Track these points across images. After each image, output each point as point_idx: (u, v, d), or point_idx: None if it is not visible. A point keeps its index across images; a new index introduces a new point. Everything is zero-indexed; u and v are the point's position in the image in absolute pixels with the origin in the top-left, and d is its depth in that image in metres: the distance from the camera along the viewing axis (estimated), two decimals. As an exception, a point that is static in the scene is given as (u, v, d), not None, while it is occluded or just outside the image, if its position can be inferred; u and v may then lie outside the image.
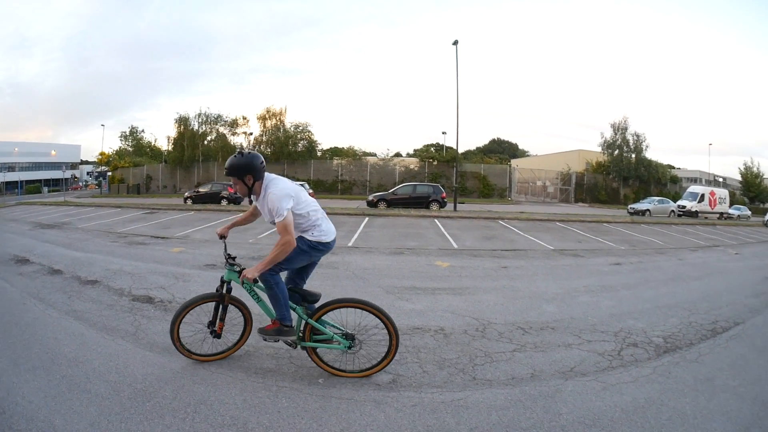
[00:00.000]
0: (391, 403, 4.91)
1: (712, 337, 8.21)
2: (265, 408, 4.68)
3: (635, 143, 67.19)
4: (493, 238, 20.67)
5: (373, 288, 9.69)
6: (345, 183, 62.17)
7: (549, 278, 12.34)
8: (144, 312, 7.96)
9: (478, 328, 7.45)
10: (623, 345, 7.36)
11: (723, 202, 53.93)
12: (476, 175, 62.71)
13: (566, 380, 5.80)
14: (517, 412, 4.88)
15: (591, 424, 4.84)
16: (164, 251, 14.46)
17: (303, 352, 6.01)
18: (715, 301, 10.80)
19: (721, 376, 6.52)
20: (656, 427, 4.92)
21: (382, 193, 37.70)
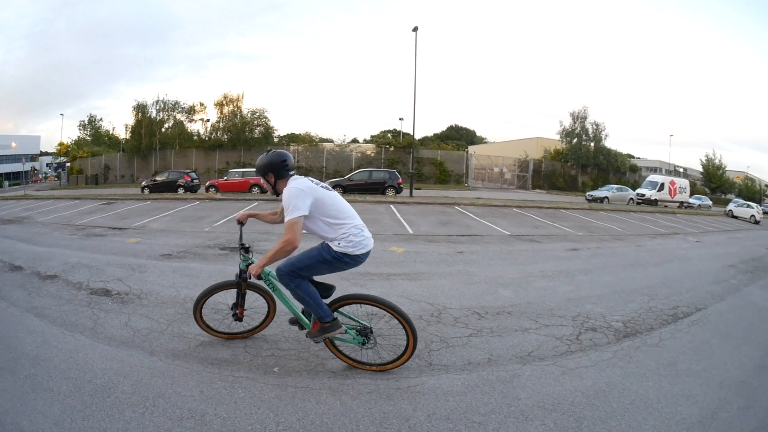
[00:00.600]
0: (346, 390, 4.90)
1: (673, 322, 8.30)
2: (222, 399, 4.66)
3: (594, 132, 67.19)
4: (449, 223, 20.80)
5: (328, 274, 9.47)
6: (301, 169, 61.28)
7: (505, 263, 12.39)
8: (102, 305, 7.77)
9: (434, 313, 7.43)
10: (582, 329, 7.38)
11: (683, 191, 55.10)
12: (433, 161, 63.05)
13: (524, 365, 5.83)
14: (475, 398, 4.89)
15: (551, 409, 4.83)
16: (121, 242, 14.28)
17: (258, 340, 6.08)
18: (675, 287, 10.98)
19: (684, 360, 6.59)
20: (619, 411, 4.92)
21: (338, 179, 37.35)
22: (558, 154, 69.28)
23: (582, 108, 69.83)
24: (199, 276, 9.43)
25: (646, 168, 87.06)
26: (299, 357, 5.69)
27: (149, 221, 20.24)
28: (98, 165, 70.28)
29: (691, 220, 36.98)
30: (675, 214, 41.44)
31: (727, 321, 8.81)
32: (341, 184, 35.13)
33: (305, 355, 5.73)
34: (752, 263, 16.97)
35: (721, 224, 37.03)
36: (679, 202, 53.33)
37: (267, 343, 6.06)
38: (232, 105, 64.37)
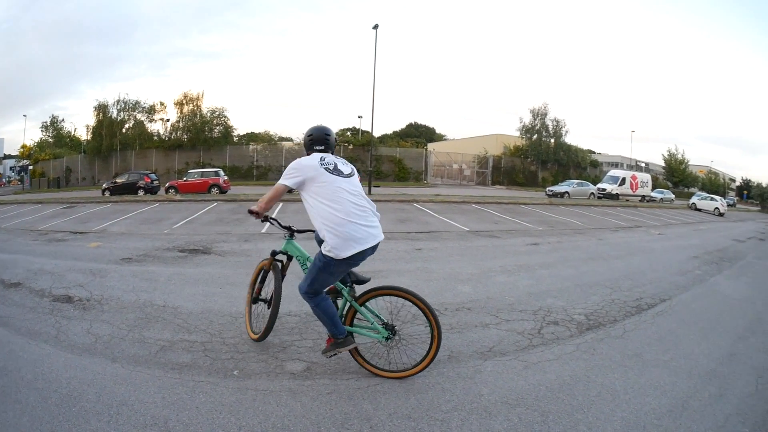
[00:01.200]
0: (306, 392, 4.90)
1: (637, 313, 8.40)
2: (184, 405, 4.63)
3: (555, 128, 70.07)
4: (408, 220, 21.02)
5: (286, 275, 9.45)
6: (260, 169, 61.57)
7: (464, 259, 12.42)
8: (64, 312, 7.61)
9: (392, 311, 7.29)
10: (543, 323, 7.42)
11: (645, 185, 56.76)
12: (392, 158, 63.33)
13: (485, 360, 5.85)
14: (436, 395, 4.90)
15: (515, 404, 4.82)
16: (82, 247, 14.15)
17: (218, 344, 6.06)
18: (638, 279, 11.12)
19: (650, 351, 6.65)
20: (585, 404, 4.93)
21: None
22: (518, 150, 70.29)
23: (542, 105, 71.39)
24: (158, 280, 9.37)
25: (607, 163, 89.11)
26: (258, 359, 5.67)
27: (109, 224, 20.08)
28: (60, 167, 69.12)
29: (653, 213, 37.77)
30: (637, 207, 42.43)
31: (693, 311, 8.94)
32: None
33: (264, 357, 5.72)
34: (717, 254, 17.32)
35: (684, 217, 37.86)
36: (641, 196, 54.86)
37: (226, 346, 6.03)
38: (192, 104, 64.12)
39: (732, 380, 6.00)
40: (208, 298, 7.80)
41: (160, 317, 7.01)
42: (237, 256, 11.41)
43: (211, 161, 58.52)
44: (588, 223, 24.14)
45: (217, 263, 10.89)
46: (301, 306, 7.16)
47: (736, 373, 6.25)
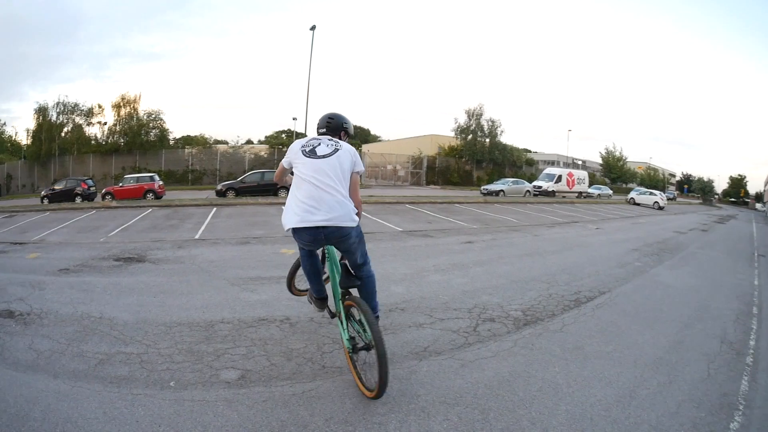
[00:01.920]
0: (242, 400, 4.88)
1: (576, 307, 8.51)
2: (125, 419, 4.58)
3: (490, 128, 70.70)
4: None
5: (218, 281, 9.63)
6: (196, 173, 60.62)
7: (397, 259, 12.35)
8: (7, 328, 7.29)
9: (325, 315, 7.22)
10: (479, 321, 7.42)
11: (582, 182, 58.30)
12: None
13: (420, 361, 5.86)
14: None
15: (453, 403, 4.80)
16: (21, 258, 13.64)
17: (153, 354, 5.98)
18: (576, 273, 11.31)
19: (591, 343, 6.73)
20: (526, 400, 4.92)
21: (231, 182, 38.06)
22: (453, 150, 70.99)
23: (478, 105, 72.13)
24: (94, 291, 9.09)
25: (544, 162, 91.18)
26: (193, 369, 5.59)
27: (48, 234, 19.49)
28: (1, 174, 66.72)
29: (590, 209, 38.64)
30: (574, 204, 43.34)
31: (634, 302, 9.08)
32: (234, 187, 35.36)
33: (199, 366, 5.64)
34: (657, 246, 17.78)
35: (622, 212, 38.82)
36: (578, 193, 56.31)
37: (162, 357, 5.92)
38: (129, 107, 62.78)
39: (682, 367, 6.11)
40: (142, 308, 7.63)
41: (97, 329, 6.84)
42: (171, 264, 11.28)
43: (146, 166, 57.09)
44: (524, 220, 24.44)
45: (151, 272, 10.65)
46: (234, 313, 7.22)
47: (686, 360, 6.38)
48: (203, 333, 6.38)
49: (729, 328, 8.17)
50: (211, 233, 17.37)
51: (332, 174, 4.99)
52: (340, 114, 5.65)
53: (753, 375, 6.25)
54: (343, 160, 5.08)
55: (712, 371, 6.11)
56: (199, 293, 8.40)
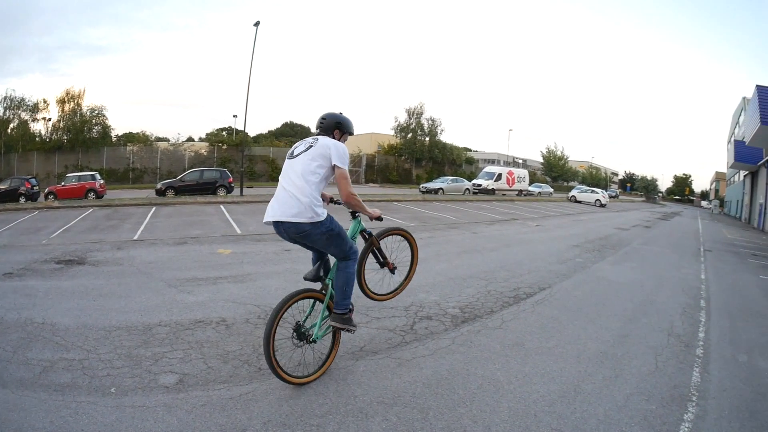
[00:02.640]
0: (181, 405, 4.82)
1: (516, 303, 8.57)
2: (70, 428, 4.46)
3: (430, 127, 71.83)
4: None
5: (156, 283, 9.54)
6: (137, 171, 59.28)
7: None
8: None
9: (260, 315, 7.38)
10: (416, 319, 7.46)
11: (522, 180, 59.15)
12: (265, 158, 63.20)
13: (357, 360, 5.87)
14: (309, 400, 4.90)
15: (392, 403, 4.77)
16: None
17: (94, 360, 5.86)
18: (515, 269, 11.40)
19: (532, 339, 6.76)
20: (466, 398, 4.89)
21: (171, 181, 37.78)
22: (392, 148, 71.22)
23: (419, 104, 72.72)
24: (36, 295, 8.88)
25: (484, 160, 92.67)
26: (133, 374, 5.50)
27: None
28: None
29: (531, 206, 39.31)
30: (514, 201, 44.11)
31: (575, 297, 9.19)
32: (173, 186, 35.08)
33: (138, 371, 5.55)
34: (599, 242, 18.09)
35: (563, 209, 39.58)
36: (518, 191, 57.15)
37: (102, 362, 5.79)
38: (73, 102, 61.19)
39: (628, 361, 6.17)
40: (82, 312, 7.45)
41: (41, 336, 6.67)
42: (110, 266, 11.07)
43: (89, 164, 55.42)
44: (462, 218, 24.66)
45: (91, 274, 10.39)
46: (171, 315, 7.16)
47: (632, 354, 6.44)
48: (141, 337, 6.31)
49: (676, 321, 8.30)
50: (150, 233, 17.23)
51: (299, 171, 5.18)
52: (334, 113, 5.70)
53: (705, 366, 6.34)
54: (315, 156, 5.19)
55: (660, 364, 6.18)
56: (137, 296, 8.27)
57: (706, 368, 6.29)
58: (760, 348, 7.53)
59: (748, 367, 6.65)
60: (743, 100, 58.11)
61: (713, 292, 10.98)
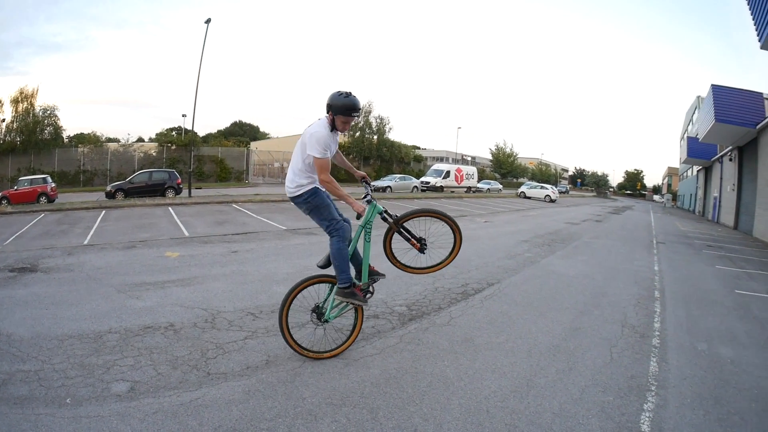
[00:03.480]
0: (133, 413, 4.82)
1: (464, 299, 8.62)
2: None
3: (378, 125, 71.37)
4: (226, 222, 20.68)
5: (106, 288, 9.36)
6: (87, 173, 58.02)
7: (280, 259, 12.27)
8: None
9: (208, 319, 7.39)
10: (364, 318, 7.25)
11: (471, 177, 59.82)
12: (214, 158, 62.53)
13: (304, 362, 5.86)
14: (258, 403, 4.91)
15: (340, 404, 4.77)
16: None
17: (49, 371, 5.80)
18: (463, 266, 11.41)
19: (481, 335, 6.81)
20: (416, 396, 4.89)
21: (120, 183, 37.45)
22: (340, 147, 70.79)
23: (367, 103, 72.64)
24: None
25: (433, 158, 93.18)
26: (86, 384, 5.45)
27: None
28: None
29: (479, 203, 39.72)
30: (462, 198, 44.54)
31: (525, 292, 9.26)
32: (123, 188, 34.72)
33: (91, 381, 5.50)
34: (549, 237, 18.30)
35: (512, 205, 40.04)
36: (467, 188, 57.91)
37: (56, 372, 5.73)
38: (26, 102, 59.91)
39: (581, 353, 6.23)
40: (36, 322, 7.36)
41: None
42: (61, 272, 10.84)
43: (41, 166, 53.75)
44: (409, 217, 24.41)
45: (43, 282, 10.19)
46: (121, 322, 7.14)
47: (585, 346, 6.51)
48: (93, 345, 6.23)
49: (630, 312, 8.42)
50: (99, 238, 16.90)
51: (296, 152, 6.15)
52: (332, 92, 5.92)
53: (662, 356, 6.44)
54: (300, 144, 6.05)
55: (615, 355, 6.25)
56: (87, 302, 8.15)
57: (663, 358, 6.39)
58: (719, 336, 7.70)
59: (708, 355, 6.77)
60: (697, 99, 60.73)
61: (667, 283, 11.19)
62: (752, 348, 7.28)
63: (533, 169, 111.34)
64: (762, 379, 6.10)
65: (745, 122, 28.33)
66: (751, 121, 27.99)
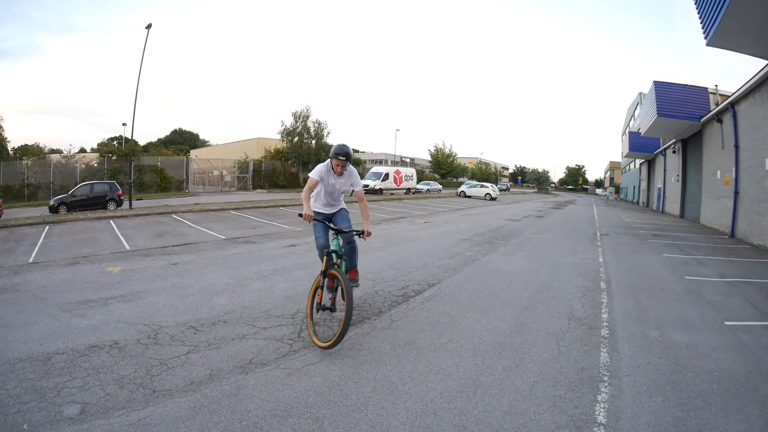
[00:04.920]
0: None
1: (404, 301, 8.67)
2: None
3: (316, 130, 71.25)
4: (166, 234, 20.37)
5: (51, 308, 9.11)
6: (31, 187, 56.61)
7: (219, 269, 12.13)
8: None
9: (150, 335, 7.26)
10: (303, 326, 7.48)
11: (410, 179, 60.45)
12: (154, 168, 61.57)
13: (247, 374, 5.78)
14: (204, 419, 4.84)
15: (285, 415, 4.72)
16: None
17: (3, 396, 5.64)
18: (402, 267, 11.52)
19: (423, 336, 6.83)
20: (360, 403, 4.86)
21: (63, 196, 36.03)
22: (279, 153, 71.19)
23: (305, 107, 73.89)
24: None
25: (372, 161, 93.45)
26: (39, 408, 5.33)
27: None
28: None
29: (419, 204, 40.07)
30: (402, 200, 44.83)
31: (467, 291, 9.31)
32: (65, 201, 33.92)
33: (44, 404, 5.37)
34: (489, 234, 18.46)
35: (452, 205, 40.45)
36: (406, 189, 58.49)
37: (11, 398, 5.57)
38: None
39: (527, 349, 6.27)
40: None
41: None
42: (8, 293, 10.53)
43: None
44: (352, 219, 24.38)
45: None
46: (67, 342, 6.98)
47: (531, 342, 6.55)
48: (42, 367, 6.10)
49: (575, 305, 8.53)
50: (44, 255, 16.44)
51: None
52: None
53: (612, 346, 6.53)
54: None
55: (563, 349, 6.30)
56: (35, 323, 7.96)
57: (614, 348, 6.47)
58: (672, 322, 7.87)
59: (661, 341, 6.90)
60: (639, 95, 62.84)
61: (613, 273, 11.39)
62: (707, 331, 7.45)
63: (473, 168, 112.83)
64: (721, 361, 6.24)
65: (689, 116, 29.84)
66: (696, 114, 29.41)
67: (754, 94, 20.03)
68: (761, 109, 19.33)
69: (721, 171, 25.01)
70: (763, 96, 18.93)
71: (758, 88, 19.51)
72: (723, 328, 7.67)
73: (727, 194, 23.25)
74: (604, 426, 4.59)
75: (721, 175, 24.80)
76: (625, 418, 4.68)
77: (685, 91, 30.25)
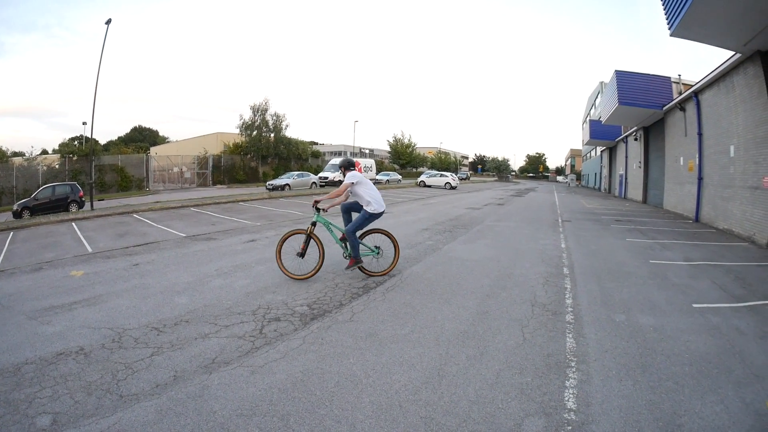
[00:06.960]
0: None
1: (365, 293, 8.71)
2: None
3: (275, 123, 71.92)
4: (127, 234, 20.08)
5: (18, 317, 8.91)
6: None
7: (180, 268, 12.02)
8: None
9: (114, 338, 7.17)
10: (264, 322, 7.48)
11: (369, 170, 60.48)
12: (114, 167, 60.63)
13: (210, 374, 5.75)
14: (171, 422, 4.81)
15: (250, 414, 4.71)
16: None
17: None
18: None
19: (385, 328, 6.85)
20: (325, 398, 4.86)
21: (26, 201, 35.51)
22: (237, 147, 70.92)
23: (263, 101, 72.83)
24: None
25: (331, 153, 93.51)
26: (14, 421, 5.25)
27: None
28: None
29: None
30: None
31: (428, 280, 9.40)
32: (28, 206, 33.41)
33: (18, 417, 5.30)
34: (449, 223, 18.56)
35: (412, 194, 40.68)
36: None
37: None
38: None
39: (491, 337, 6.30)
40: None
41: None
42: None
43: None
44: (309, 212, 24.40)
45: None
46: (35, 351, 6.85)
47: (495, 330, 6.58)
48: (13, 379, 6.00)
49: (539, 291, 8.60)
50: (9, 262, 16.10)
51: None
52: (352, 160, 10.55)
53: (578, 331, 6.60)
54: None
55: (527, 335, 6.34)
56: (3, 334, 7.80)
57: (580, 333, 6.54)
58: (638, 305, 7.97)
59: (628, 325, 6.98)
60: (600, 84, 64.18)
61: (576, 259, 11.52)
62: (675, 314, 7.56)
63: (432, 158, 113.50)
64: (692, 343, 6.34)
65: (651, 105, 30.57)
66: (658, 103, 30.12)
67: (719, 84, 20.53)
68: (725, 99, 19.86)
69: (684, 158, 25.50)
70: (728, 86, 19.38)
71: (722, 79, 20.04)
72: (691, 311, 7.79)
73: (690, 180, 23.78)
74: (575, 412, 4.61)
75: (685, 161, 25.27)
76: (596, 403, 4.72)
77: (647, 80, 31.05)
